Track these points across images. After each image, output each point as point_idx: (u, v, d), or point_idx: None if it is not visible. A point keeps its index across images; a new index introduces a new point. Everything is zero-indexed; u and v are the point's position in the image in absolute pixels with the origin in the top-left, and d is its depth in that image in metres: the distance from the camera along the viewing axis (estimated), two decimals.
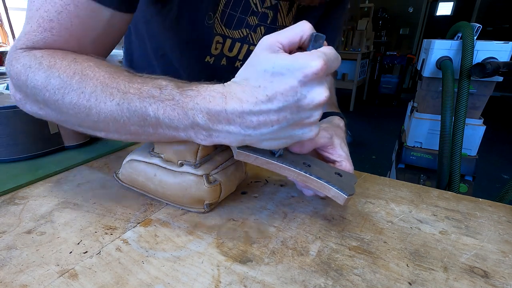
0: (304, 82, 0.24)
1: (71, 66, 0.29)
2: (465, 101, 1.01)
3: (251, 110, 0.25)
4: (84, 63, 0.30)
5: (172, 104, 0.27)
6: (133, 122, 0.28)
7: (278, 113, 0.25)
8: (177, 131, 0.28)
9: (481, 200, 0.39)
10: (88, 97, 0.28)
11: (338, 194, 0.30)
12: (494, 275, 0.27)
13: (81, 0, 0.31)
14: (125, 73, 0.29)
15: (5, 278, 0.25)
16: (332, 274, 0.26)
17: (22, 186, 0.40)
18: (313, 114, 0.26)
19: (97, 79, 0.28)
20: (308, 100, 0.25)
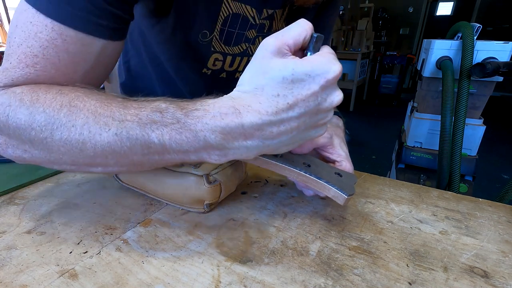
0: (325, 87, 0.24)
1: (57, 99, 0.26)
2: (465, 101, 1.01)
3: (271, 121, 0.24)
4: (71, 93, 0.27)
5: (178, 128, 0.25)
6: (135, 152, 0.26)
7: (299, 119, 0.24)
8: (187, 155, 0.26)
9: (481, 200, 0.39)
10: (80, 130, 0.25)
11: (338, 194, 0.30)
12: (494, 275, 0.27)
13: (69, 34, 0.28)
14: (118, 99, 0.27)
15: (5, 278, 0.25)
16: (332, 274, 0.26)
17: (22, 186, 0.40)
18: (328, 115, 0.26)
19: (87, 110, 0.26)
20: (327, 103, 0.25)
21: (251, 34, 0.47)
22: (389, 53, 4.31)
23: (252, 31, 0.47)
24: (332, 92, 0.25)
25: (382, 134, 3.17)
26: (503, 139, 3.03)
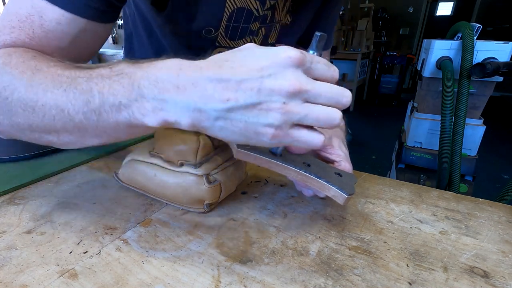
0: (275, 63, 0.22)
1: (27, 63, 0.27)
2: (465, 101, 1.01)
3: (209, 77, 0.22)
4: (43, 60, 0.28)
5: (119, 78, 0.24)
6: (77, 110, 0.25)
7: (237, 86, 0.22)
8: (119, 112, 0.24)
9: (481, 200, 0.39)
10: (35, 89, 0.25)
11: (338, 193, 0.30)
12: (494, 275, 0.27)
13: (47, 10, 0.30)
14: (88, 66, 0.27)
15: (5, 278, 0.25)
16: (332, 274, 0.26)
17: (22, 186, 0.40)
18: (272, 99, 0.22)
19: (50, 72, 0.26)
20: (271, 80, 0.22)
21: (255, 26, 0.48)
22: (389, 53, 4.31)
23: (255, 23, 0.47)
24: (282, 72, 0.22)
25: (382, 134, 3.17)
26: (503, 139, 3.03)
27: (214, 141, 0.36)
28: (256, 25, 0.47)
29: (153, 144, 0.37)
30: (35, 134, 0.28)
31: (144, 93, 0.23)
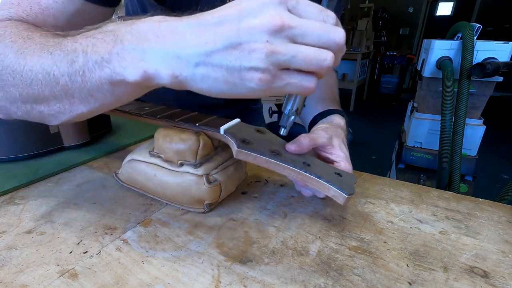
0: (256, 2, 0.21)
1: (19, 33, 0.27)
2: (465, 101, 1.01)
3: (188, 23, 0.22)
4: (37, 31, 0.28)
5: (104, 36, 0.23)
6: (62, 71, 0.24)
7: (215, 28, 0.21)
8: (102, 68, 0.23)
9: (481, 200, 0.39)
10: (24, 55, 0.25)
11: (338, 193, 0.30)
12: (494, 275, 0.27)
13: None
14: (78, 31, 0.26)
15: (5, 278, 0.25)
16: (332, 274, 0.26)
17: (22, 186, 0.40)
18: (253, 38, 0.21)
19: (39, 40, 0.26)
20: (251, 18, 0.20)
21: None
22: (389, 53, 4.30)
23: None
24: (262, 9, 0.21)
25: (382, 134, 3.17)
26: (503, 139, 3.03)
27: (214, 141, 0.36)
28: None
29: (153, 144, 0.37)
30: (27, 105, 0.28)
31: (125, 46, 0.22)
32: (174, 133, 0.34)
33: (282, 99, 0.32)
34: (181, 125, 0.35)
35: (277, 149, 0.33)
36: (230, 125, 0.35)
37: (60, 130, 0.49)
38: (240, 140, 0.32)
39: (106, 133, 0.59)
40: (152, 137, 0.37)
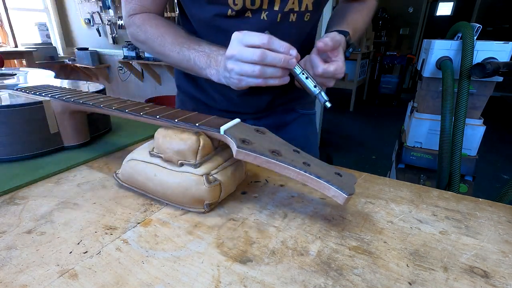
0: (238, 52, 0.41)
1: (154, 32, 0.52)
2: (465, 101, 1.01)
3: (227, 56, 0.42)
4: (161, 28, 0.52)
5: (202, 55, 0.47)
6: (184, 65, 0.50)
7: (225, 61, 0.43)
8: (201, 70, 0.48)
9: (481, 200, 0.39)
10: (163, 49, 0.51)
11: (338, 193, 0.30)
12: (494, 275, 0.27)
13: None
14: (184, 36, 0.51)
15: (5, 278, 0.25)
16: (332, 274, 0.26)
17: (22, 186, 0.40)
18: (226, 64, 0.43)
19: (169, 38, 0.50)
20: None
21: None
22: (389, 53, 4.30)
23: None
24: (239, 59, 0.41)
25: (382, 134, 3.17)
26: (503, 139, 3.03)
27: (214, 141, 0.36)
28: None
29: (153, 144, 0.37)
30: (159, 57, 0.54)
31: (211, 65, 0.46)
32: (174, 133, 0.34)
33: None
34: (181, 125, 0.35)
35: (277, 149, 0.33)
36: (230, 125, 0.35)
37: (60, 130, 0.49)
38: (240, 140, 0.32)
39: (106, 133, 0.59)
40: (152, 137, 0.37)
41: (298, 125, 0.67)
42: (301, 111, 0.66)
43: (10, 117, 0.43)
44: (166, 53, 0.51)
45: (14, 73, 0.74)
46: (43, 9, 4.11)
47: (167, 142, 0.34)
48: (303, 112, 0.67)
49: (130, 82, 4.06)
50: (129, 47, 3.47)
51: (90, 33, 4.10)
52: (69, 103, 0.45)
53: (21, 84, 0.59)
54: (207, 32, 0.54)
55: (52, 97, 0.46)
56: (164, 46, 0.50)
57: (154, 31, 0.51)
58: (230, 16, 0.49)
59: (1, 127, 0.43)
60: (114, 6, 3.64)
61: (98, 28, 3.96)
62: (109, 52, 4.03)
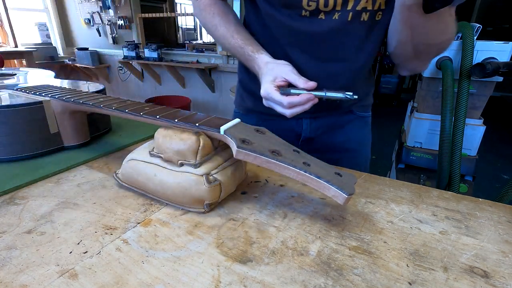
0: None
1: (214, 20, 0.57)
2: (465, 101, 1.01)
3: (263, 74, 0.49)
4: (218, 17, 0.56)
5: (252, 60, 0.52)
6: (238, 57, 0.56)
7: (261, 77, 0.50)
8: (252, 68, 0.53)
9: (481, 200, 0.39)
10: (222, 40, 0.57)
11: (338, 193, 0.30)
12: (494, 275, 0.27)
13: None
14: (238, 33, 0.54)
15: (5, 278, 0.25)
16: (332, 274, 0.26)
17: (22, 186, 0.40)
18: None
19: (223, 32, 0.55)
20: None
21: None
22: None
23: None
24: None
25: (382, 134, 3.17)
26: (503, 139, 3.03)
27: (214, 141, 0.36)
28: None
29: (153, 144, 0.37)
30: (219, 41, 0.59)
31: (261, 69, 0.50)
32: (174, 133, 0.34)
33: None
34: (181, 125, 0.35)
35: (277, 149, 0.33)
36: (230, 125, 0.35)
37: (60, 130, 0.49)
38: (240, 140, 0.32)
39: (106, 133, 0.59)
40: (152, 137, 0.37)
41: (353, 127, 0.66)
42: (358, 113, 0.66)
43: (10, 117, 0.43)
44: (224, 43, 0.57)
45: (14, 73, 0.74)
46: (43, 9, 4.11)
47: (167, 142, 0.34)
48: (360, 114, 0.66)
49: (130, 82, 4.06)
50: (129, 47, 3.47)
51: (90, 33, 4.10)
52: (69, 103, 0.45)
53: (21, 84, 0.59)
54: (277, 30, 0.54)
55: (52, 97, 0.46)
56: (226, 39, 0.56)
57: (212, 18, 0.57)
58: (304, 16, 0.50)
59: (1, 127, 0.43)
60: (114, 6, 3.64)
61: (98, 28, 3.96)
62: (109, 52, 4.03)
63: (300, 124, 0.64)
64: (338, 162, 0.66)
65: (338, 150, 0.67)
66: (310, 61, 0.54)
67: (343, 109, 0.64)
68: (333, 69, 0.54)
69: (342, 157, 0.67)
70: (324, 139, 0.66)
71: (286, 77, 0.45)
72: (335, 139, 0.66)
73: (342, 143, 0.66)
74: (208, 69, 3.10)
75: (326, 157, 0.67)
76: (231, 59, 3.02)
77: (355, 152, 0.68)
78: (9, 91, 0.52)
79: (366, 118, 0.69)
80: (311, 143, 0.67)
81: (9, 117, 0.43)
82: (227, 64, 3.05)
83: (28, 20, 3.96)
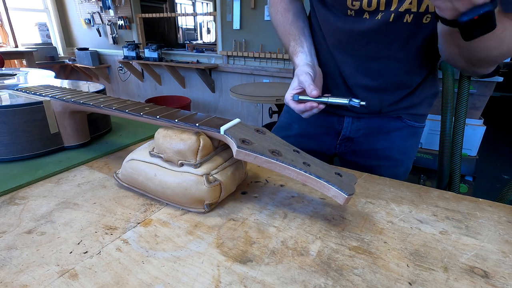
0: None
1: (278, 18, 0.61)
2: (465, 101, 1.00)
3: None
4: (284, 15, 0.60)
5: (294, 60, 0.56)
6: (289, 53, 0.59)
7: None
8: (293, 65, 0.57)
9: (481, 200, 0.39)
10: (281, 36, 0.61)
11: (338, 193, 0.30)
12: (495, 275, 0.27)
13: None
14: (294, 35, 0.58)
15: (5, 278, 0.25)
16: (332, 274, 0.26)
17: (22, 186, 0.40)
18: None
19: (283, 32, 0.60)
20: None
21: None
22: None
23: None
24: None
25: None
26: (503, 139, 3.03)
27: (214, 141, 0.36)
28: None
29: (153, 144, 0.37)
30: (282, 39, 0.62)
31: (297, 67, 0.53)
32: (174, 133, 0.34)
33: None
34: (181, 125, 0.35)
35: (277, 149, 0.33)
36: (230, 125, 0.35)
37: (60, 130, 0.49)
38: (240, 140, 0.32)
39: (106, 133, 0.59)
40: (152, 137, 0.37)
41: (399, 135, 0.63)
42: (408, 122, 0.63)
43: (11, 117, 0.43)
44: (283, 39, 0.61)
45: (14, 73, 0.74)
46: (43, 9, 4.11)
47: (167, 142, 0.34)
48: (409, 123, 0.63)
49: (130, 82, 4.06)
50: (129, 47, 3.47)
51: (90, 33, 4.11)
52: (69, 103, 0.45)
53: (21, 84, 0.59)
54: (325, 29, 0.58)
55: (52, 97, 0.46)
56: (285, 36, 0.59)
57: (277, 17, 0.61)
58: (350, 15, 0.51)
59: (2, 127, 0.43)
60: (114, 6, 3.64)
61: (98, 28, 3.97)
62: (109, 52, 4.04)
63: (341, 121, 0.63)
64: (373, 169, 0.64)
65: (377, 157, 0.64)
66: (353, 60, 0.55)
67: (392, 115, 0.62)
68: (373, 68, 0.54)
69: (380, 164, 0.64)
70: (363, 142, 0.64)
71: (301, 85, 0.49)
72: (376, 144, 0.63)
73: (383, 150, 0.64)
74: (208, 69, 3.10)
75: (362, 162, 0.66)
76: (231, 59, 3.02)
77: (396, 161, 0.65)
78: (10, 91, 0.52)
79: (417, 129, 0.65)
80: (350, 144, 0.65)
81: (10, 117, 0.43)
82: (227, 64, 3.05)
83: (29, 20, 3.96)
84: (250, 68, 2.88)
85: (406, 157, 0.66)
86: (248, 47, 2.87)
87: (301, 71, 0.50)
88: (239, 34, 2.87)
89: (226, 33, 2.95)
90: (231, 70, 3.02)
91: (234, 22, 2.84)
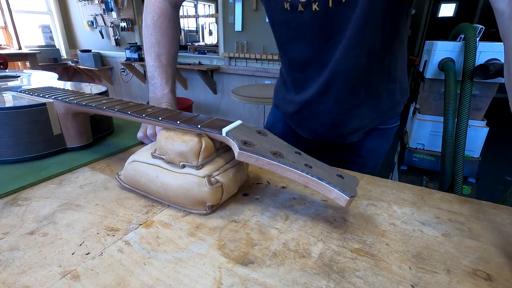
0: None
1: (149, 31, 0.59)
2: (467, 103, 1.00)
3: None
4: (155, 30, 0.59)
5: (152, 84, 0.57)
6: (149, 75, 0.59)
7: None
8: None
9: (484, 202, 0.39)
10: (147, 49, 0.59)
11: (340, 195, 0.30)
12: (498, 278, 0.27)
13: None
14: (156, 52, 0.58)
15: (7, 279, 0.25)
16: (334, 277, 0.26)
17: (25, 187, 0.40)
18: None
19: (152, 44, 0.58)
20: None
21: None
22: None
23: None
24: None
25: None
26: (507, 141, 3.01)
27: (216, 143, 0.36)
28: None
29: (155, 146, 0.37)
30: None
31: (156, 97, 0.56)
32: (176, 135, 0.34)
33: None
34: (183, 127, 0.35)
35: (279, 151, 0.33)
36: (232, 127, 0.35)
37: (63, 131, 0.49)
38: (242, 141, 0.32)
39: (108, 134, 0.59)
40: None
41: (368, 139, 0.66)
42: (381, 127, 0.65)
43: (14, 119, 0.44)
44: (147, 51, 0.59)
45: (17, 75, 0.74)
46: (47, 11, 4.14)
47: (169, 144, 0.34)
48: (381, 127, 0.65)
49: (132, 83, 4.07)
50: (131, 49, 3.49)
51: (93, 35, 4.13)
52: (72, 105, 0.46)
53: (24, 86, 0.60)
54: (274, 26, 0.59)
55: (55, 99, 0.47)
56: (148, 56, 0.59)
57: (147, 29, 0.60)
58: (286, 9, 0.53)
59: (5, 129, 0.44)
60: (116, 9, 3.66)
61: (101, 30, 3.99)
62: (111, 54, 4.06)
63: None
64: (345, 164, 0.67)
65: (348, 152, 0.68)
66: (304, 51, 0.56)
67: (366, 131, 0.65)
68: (323, 54, 0.54)
69: (349, 160, 0.68)
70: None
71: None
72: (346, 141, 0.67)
73: (352, 152, 0.67)
74: (210, 70, 3.11)
75: (335, 157, 0.69)
76: (233, 60, 3.02)
77: (364, 159, 0.69)
78: (13, 93, 0.53)
79: (385, 130, 0.65)
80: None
81: (13, 118, 0.43)
82: (229, 65, 3.06)
83: (32, 23, 3.99)
84: (251, 69, 2.89)
85: (374, 154, 0.69)
86: (249, 48, 2.88)
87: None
88: (241, 36, 2.88)
89: (228, 35, 2.96)
90: (233, 72, 3.03)
91: (236, 24, 2.85)
